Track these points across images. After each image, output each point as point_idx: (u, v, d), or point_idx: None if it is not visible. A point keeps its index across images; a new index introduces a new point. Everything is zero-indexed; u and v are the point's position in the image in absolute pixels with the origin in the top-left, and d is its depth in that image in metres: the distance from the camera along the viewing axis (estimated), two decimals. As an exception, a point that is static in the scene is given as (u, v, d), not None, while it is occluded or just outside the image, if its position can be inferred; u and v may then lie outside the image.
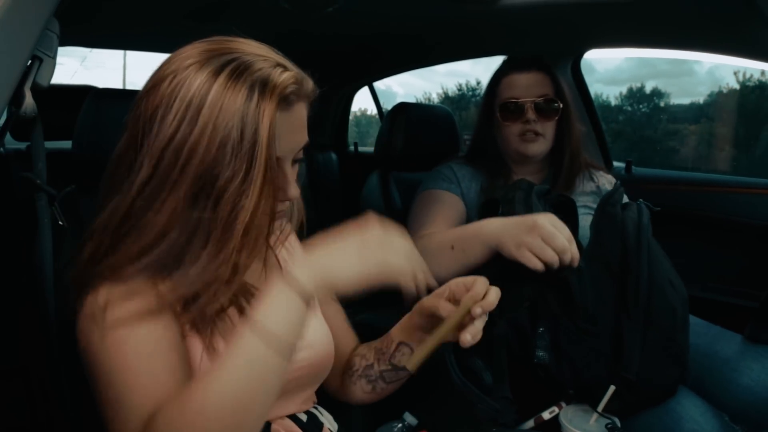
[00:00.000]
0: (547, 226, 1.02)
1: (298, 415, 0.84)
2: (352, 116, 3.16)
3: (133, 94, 0.71)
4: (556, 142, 1.44)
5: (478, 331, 0.77)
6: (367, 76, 2.80)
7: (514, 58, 1.53)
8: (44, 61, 0.62)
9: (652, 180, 2.00)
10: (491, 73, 1.55)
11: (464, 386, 0.98)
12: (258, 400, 0.62)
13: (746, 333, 1.27)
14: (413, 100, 4.32)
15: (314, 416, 0.86)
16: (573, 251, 1.02)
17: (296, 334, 0.63)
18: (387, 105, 3.01)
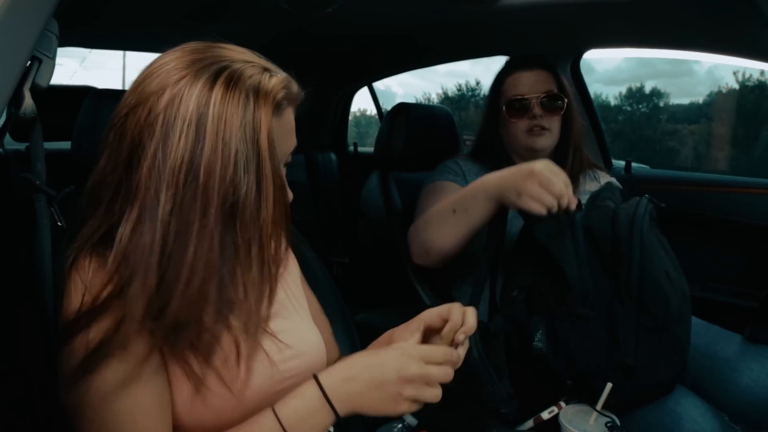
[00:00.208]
0: (544, 172, 1.07)
1: None
2: (351, 116, 3.16)
3: None
4: (561, 138, 1.50)
5: (461, 359, 0.79)
6: (367, 76, 2.80)
7: (517, 58, 1.58)
8: (43, 61, 0.62)
9: (652, 180, 2.00)
10: (491, 73, 1.60)
11: (483, 364, 1.03)
12: None
13: (746, 333, 1.27)
14: (413, 101, 4.33)
15: None
16: (570, 195, 1.08)
17: None
18: (386, 105, 3.01)
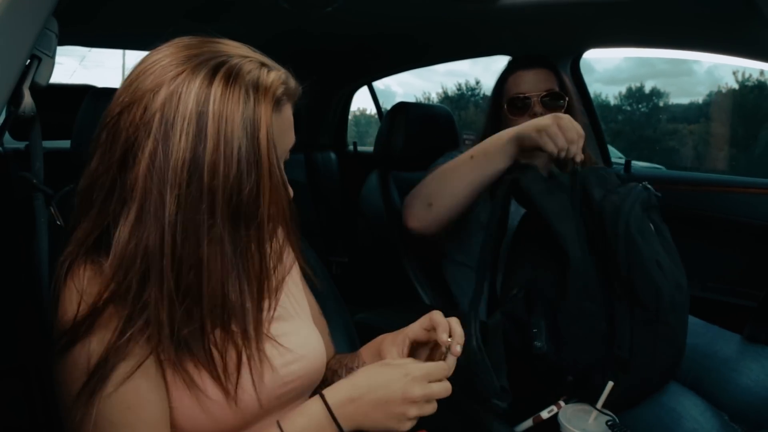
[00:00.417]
0: (565, 118, 1.19)
1: None
2: (351, 116, 3.16)
3: None
4: None
5: (452, 368, 0.81)
6: (367, 75, 2.80)
7: (519, 57, 1.59)
8: (43, 60, 0.62)
9: (651, 179, 2.00)
10: (491, 72, 1.66)
11: (480, 353, 1.06)
12: None
13: (745, 333, 1.27)
14: (412, 100, 4.32)
15: None
16: (579, 145, 1.17)
17: None
18: (386, 104, 3.01)
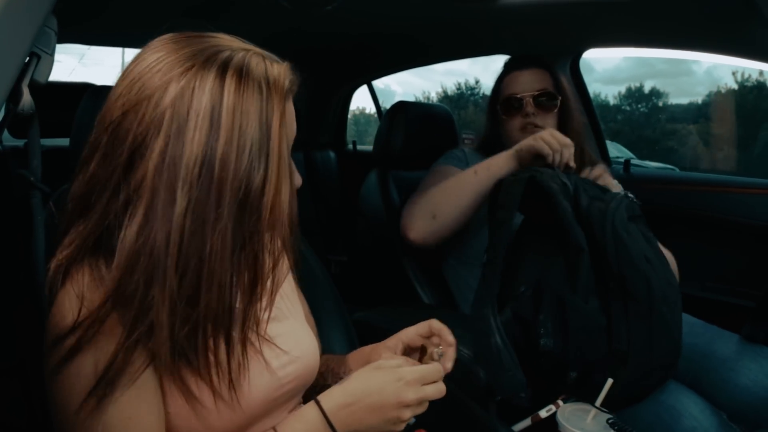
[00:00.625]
0: (555, 131, 1.31)
1: None
2: (350, 115, 3.16)
3: None
4: None
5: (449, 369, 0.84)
6: (366, 74, 2.80)
7: (515, 58, 1.60)
8: (42, 58, 0.62)
9: (651, 179, 2.00)
10: (490, 72, 1.68)
11: (505, 348, 1.08)
12: None
13: (743, 332, 1.27)
14: (412, 99, 4.32)
15: None
16: (571, 151, 1.28)
17: None
18: (386, 104, 3.01)
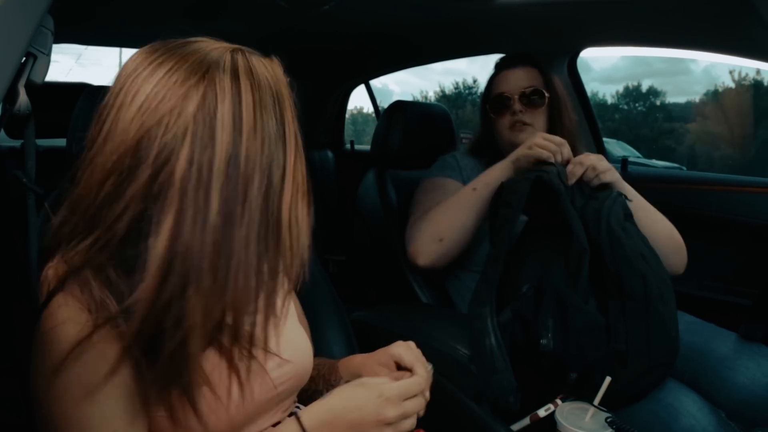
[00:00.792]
0: (546, 134, 1.33)
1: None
2: (348, 114, 3.16)
3: None
4: (549, 131, 1.48)
5: (429, 381, 0.83)
6: (364, 74, 2.80)
7: (504, 57, 1.61)
8: (38, 58, 0.61)
9: (648, 178, 2.00)
10: (488, 71, 1.62)
11: (499, 350, 1.08)
12: None
13: (740, 331, 1.27)
14: (410, 98, 4.33)
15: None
16: (568, 148, 1.30)
17: None
18: (383, 103, 3.02)
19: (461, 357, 1.18)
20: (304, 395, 0.92)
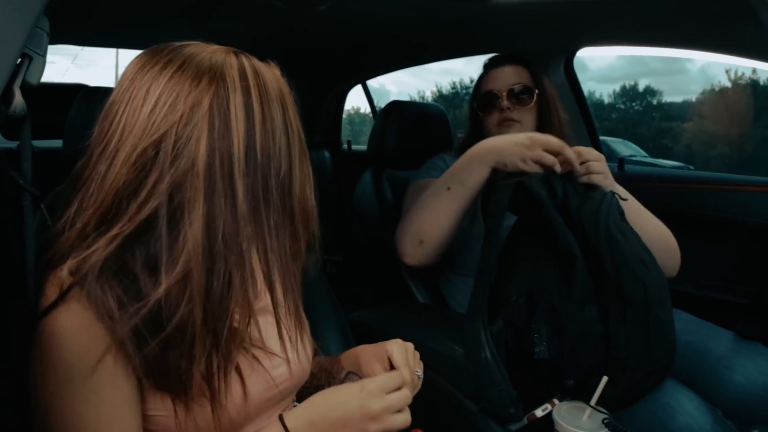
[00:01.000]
0: (540, 137, 1.21)
1: None
2: (345, 114, 3.16)
3: None
4: (538, 130, 1.46)
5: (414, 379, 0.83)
6: (361, 74, 2.80)
7: (493, 57, 1.60)
8: (34, 59, 0.61)
9: (645, 178, 2.01)
10: None
11: (495, 363, 1.06)
12: None
13: (737, 330, 1.27)
14: (407, 98, 4.32)
15: None
16: (569, 151, 1.19)
17: None
18: (380, 103, 3.01)
19: (458, 357, 1.18)
20: (305, 393, 0.92)
